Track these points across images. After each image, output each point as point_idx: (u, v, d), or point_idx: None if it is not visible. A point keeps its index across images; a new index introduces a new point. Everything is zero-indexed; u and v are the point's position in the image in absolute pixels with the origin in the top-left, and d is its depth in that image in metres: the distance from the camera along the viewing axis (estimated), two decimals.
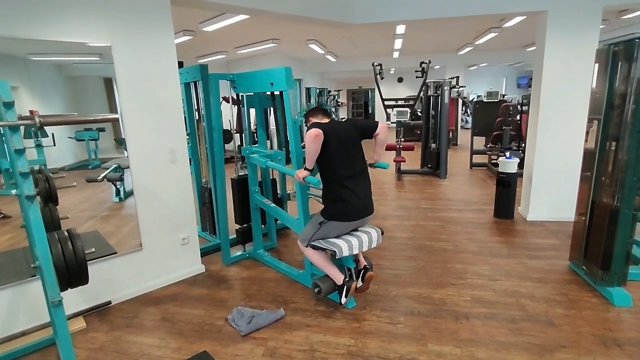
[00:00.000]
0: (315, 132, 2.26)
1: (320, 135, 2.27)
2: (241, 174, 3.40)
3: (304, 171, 2.42)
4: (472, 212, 4.67)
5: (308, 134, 2.28)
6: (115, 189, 3.11)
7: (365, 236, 2.48)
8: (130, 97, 2.65)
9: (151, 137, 2.80)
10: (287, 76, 2.65)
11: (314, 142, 2.28)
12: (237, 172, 3.42)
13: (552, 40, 3.83)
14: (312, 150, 2.31)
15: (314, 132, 2.27)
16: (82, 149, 2.93)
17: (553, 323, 2.37)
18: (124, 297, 2.81)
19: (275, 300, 2.76)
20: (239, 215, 3.41)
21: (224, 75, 3.12)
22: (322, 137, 2.28)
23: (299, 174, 2.44)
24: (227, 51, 8.35)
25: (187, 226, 3.10)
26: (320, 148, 2.31)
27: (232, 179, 3.37)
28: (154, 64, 2.73)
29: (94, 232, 2.99)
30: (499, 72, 17.29)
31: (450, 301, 2.67)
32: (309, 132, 2.28)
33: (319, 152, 2.33)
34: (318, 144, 2.29)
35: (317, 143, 2.28)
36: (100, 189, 3.09)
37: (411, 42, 7.91)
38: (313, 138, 2.27)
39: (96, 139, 2.89)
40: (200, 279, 3.13)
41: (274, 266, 3.25)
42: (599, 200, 2.73)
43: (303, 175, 2.42)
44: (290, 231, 4.17)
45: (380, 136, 2.59)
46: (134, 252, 2.85)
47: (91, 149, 2.95)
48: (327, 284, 2.49)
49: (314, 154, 2.33)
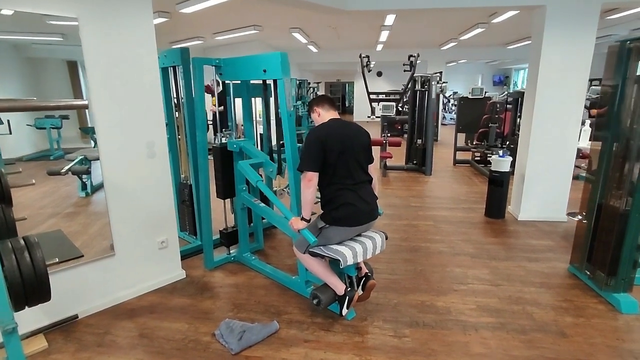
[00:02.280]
0: (308, 177, 2.08)
1: (314, 180, 2.09)
2: (223, 142, 2.99)
3: (301, 222, 2.20)
4: (463, 210, 4.56)
5: (302, 179, 2.11)
6: (81, 182, 2.74)
7: (370, 242, 2.26)
8: (101, 81, 2.30)
9: (126, 128, 2.46)
10: (283, 63, 2.38)
11: (308, 187, 2.10)
12: (219, 140, 3.01)
13: (550, 36, 3.72)
14: (308, 197, 2.13)
15: (308, 177, 2.09)
16: (43, 138, 2.55)
17: (564, 333, 2.26)
18: (93, 310, 2.47)
19: (267, 310, 2.50)
20: (222, 188, 3.03)
21: (209, 60, 2.79)
22: (317, 181, 2.11)
23: (295, 224, 2.21)
24: (204, 37, 7.86)
25: (165, 228, 2.78)
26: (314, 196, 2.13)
27: (213, 147, 2.97)
28: (128, 45, 2.38)
29: (56, 231, 2.60)
30: (475, 69, 17.52)
31: (455, 310, 2.51)
32: (303, 176, 2.11)
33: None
34: (313, 189, 2.11)
35: (311, 188, 2.10)
36: (64, 182, 2.70)
37: (396, 35, 7.73)
38: (307, 184, 2.09)
39: (59, 127, 2.53)
40: (180, 286, 2.82)
41: (262, 271, 2.98)
42: (606, 204, 2.63)
43: (299, 226, 2.19)
44: (276, 231, 3.90)
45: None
46: (105, 258, 2.51)
47: (53, 138, 2.58)
48: (327, 295, 2.25)
49: (310, 202, 2.15)
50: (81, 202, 2.79)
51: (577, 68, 3.77)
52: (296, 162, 2.50)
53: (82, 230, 2.71)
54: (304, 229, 2.15)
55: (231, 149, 2.90)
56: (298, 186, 2.52)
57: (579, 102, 3.90)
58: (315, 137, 2.13)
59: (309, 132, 2.24)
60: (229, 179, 3.00)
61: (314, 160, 2.08)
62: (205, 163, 2.91)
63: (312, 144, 2.11)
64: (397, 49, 10.23)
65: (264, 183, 2.82)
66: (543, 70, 3.80)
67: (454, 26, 6.90)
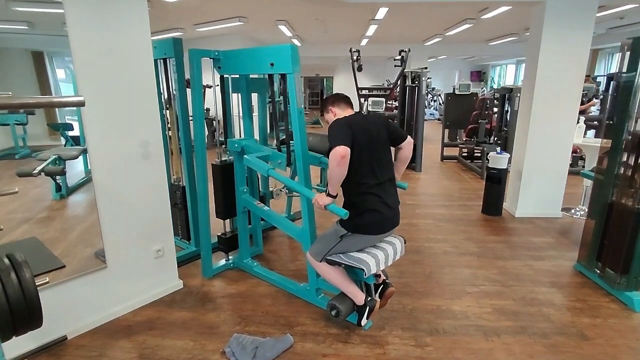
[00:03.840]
0: (341, 152, 1.84)
1: (347, 157, 1.86)
2: (224, 159, 2.86)
3: (327, 198, 1.99)
4: (459, 208, 4.53)
5: (333, 155, 1.86)
6: (55, 184, 2.47)
7: (390, 248, 2.14)
8: (90, 74, 2.05)
9: (118, 126, 2.22)
10: (293, 56, 2.20)
11: (340, 165, 1.86)
12: (219, 157, 2.86)
13: (549, 32, 3.70)
14: (338, 175, 1.90)
15: (340, 152, 1.84)
16: (6, 135, 2.30)
17: (585, 336, 2.22)
18: (84, 329, 2.23)
19: (276, 322, 2.34)
20: (222, 208, 2.87)
21: (207, 51, 2.57)
22: (349, 159, 1.87)
23: (320, 200, 2.01)
24: (183, 28, 7.48)
25: (162, 235, 2.55)
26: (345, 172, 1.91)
27: (213, 165, 2.82)
28: (120, 32, 2.14)
29: (31, 239, 2.33)
30: (452, 65, 17.75)
31: (473, 314, 2.43)
32: (334, 151, 1.85)
33: None
34: (345, 167, 1.88)
35: (344, 166, 1.87)
36: (34, 184, 2.42)
37: (383, 30, 7.62)
38: (338, 160, 1.84)
39: (24, 123, 2.29)
40: (179, 297, 2.61)
41: (266, 278, 2.81)
42: (618, 202, 2.62)
43: (325, 202, 1.99)
44: (275, 233, 3.73)
45: (405, 152, 2.22)
46: (96, 271, 2.26)
47: (18, 135, 2.31)
48: (346, 305, 2.11)
49: (339, 179, 1.92)
50: (56, 206, 2.52)
51: (575, 64, 3.77)
52: (306, 161, 2.34)
53: (60, 237, 2.45)
54: (332, 204, 1.98)
55: (232, 149, 2.69)
56: (309, 186, 2.36)
57: (576, 97, 3.92)
58: (341, 123, 1.96)
59: (330, 124, 2.04)
60: (230, 199, 2.82)
61: (346, 137, 1.89)
62: (204, 163, 2.70)
63: (342, 127, 1.94)
64: (380, 44, 10.15)
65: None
66: (542, 66, 3.78)
67: (442, 21, 6.86)
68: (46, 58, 2.20)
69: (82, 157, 2.38)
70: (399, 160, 2.27)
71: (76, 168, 2.49)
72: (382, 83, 13.06)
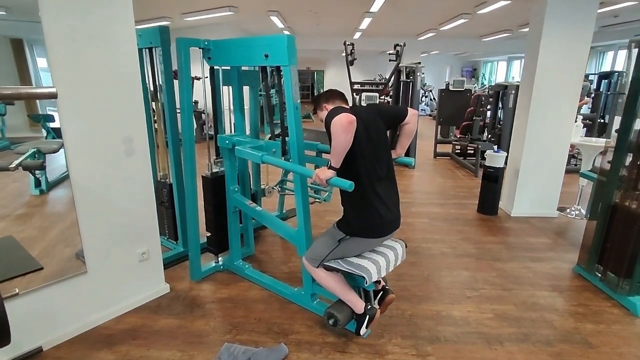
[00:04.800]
0: (348, 118, 1.65)
1: (354, 122, 1.66)
2: (215, 171, 2.72)
3: (328, 171, 1.77)
4: (454, 206, 4.45)
5: (338, 120, 1.65)
6: (35, 178, 2.29)
7: (391, 253, 2.02)
8: (67, 64, 1.87)
9: (98, 120, 2.04)
10: (290, 47, 2.05)
11: (346, 131, 1.65)
12: (210, 168, 2.73)
13: (549, 28, 3.61)
14: (343, 143, 1.68)
15: (347, 117, 1.65)
16: None
17: (590, 343, 2.15)
18: (61, 339, 2.06)
19: (270, 330, 2.21)
20: (213, 222, 2.74)
21: (196, 41, 2.39)
22: (355, 125, 1.69)
23: (321, 174, 1.78)
24: (171, 17, 7.21)
25: (147, 237, 2.39)
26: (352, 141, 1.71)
27: (203, 177, 2.68)
28: (101, 18, 1.95)
29: (7, 238, 2.15)
30: (444, 61, 17.72)
31: (474, 320, 2.34)
32: (340, 117, 1.65)
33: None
34: (352, 134, 1.68)
35: (350, 132, 1.67)
36: (12, 178, 2.23)
37: (377, 23, 7.47)
38: (346, 125, 1.64)
39: (2, 114, 2.14)
40: (165, 303, 2.46)
41: (258, 282, 2.67)
42: (621, 205, 2.55)
43: (327, 176, 1.77)
44: (266, 232, 3.59)
45: (410, 125, 2.05)
46: (75, 276, 2.09)
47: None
48: (344, 314, 1.99)
49: (345, 148, 1.70)
50: (35, 202, 2.33)
51: (575, 61, 3.70)
52: (302, 157, 2.19)
53: (38, 236, 2.27)
54: (335, 178, 1.78)
55: (222, 145, 2.53)
56: (304, 182, 2.21)
57: (575, 96, 3.85)
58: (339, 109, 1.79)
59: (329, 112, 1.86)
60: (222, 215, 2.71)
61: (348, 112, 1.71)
62: (192, 162, 2.54)
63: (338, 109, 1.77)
64: (372, 38, 10.01)
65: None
66: (541, 63, 3.70)
67: (438, 15, 6.74)
68: (26, 46, 2.03)
69: (63, 150, 2.22)
70: (404, 134, 2.13)
71: (57, 162, 2.32)
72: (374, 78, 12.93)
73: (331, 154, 1.77)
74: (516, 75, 13.92)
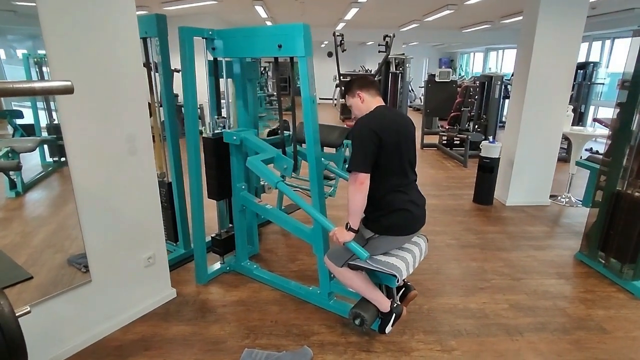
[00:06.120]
0: (360, 179, 1.69)
1: (366, 183, 1.71)
2: (217, 132, 2.50)
3: (347, 233, 1.80)
4: (450, 197, 4.49)
5: (352, 181, 1.71)
6: (9, 180, 2.10)
7: (417, 249, 1.98)
8: (65, 55, 1.70)
9: (99, 118, 1.88)
10: (306, 37, 1.95)
11: (360, 190, 1.71)
12: (212, 129, 2.51)
13: (544, 18, 3.64)
14: (359, 202, 1.73)
15: (359, 179, 1.70)
16: None
17: (604, 329, 2.20)
18: (68, 353, 1.92)
19: (289, 332, 2.14)
20: (216, 188, 2.53)
21: (200, 30, 2.25)
22: (369, 183, 1.72)
23: (340, 235, 1.81)
24: (148, 6, 6.87)
25: (152, 240, 2.25)
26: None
27: (204, 138, 2.47)
28: (101, 5, 1.79)
29: None
30: (421, 52, 17.83)
31: (491, 312, 2.35)
32: (354, 178, 1.70)
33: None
34: (365, 192, 1.72)
35: (363, 192, 1.72)
36: None
37: (362, 14, 7.39)
38: (358, 187, 1.70)
39: None
40: (174, 308, 2.33)
41: (269, 282, 2.58)
42: (625, 192, 2.62)
43: (345, 239, 1.79)
44: (268, 229, 3.49)
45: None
46: (79, 286, 1.94)
47: None
48: (370, 313, 1.94)
49: (362, 207, 1.75)
50: (12, 205, 2.13)
51: (568, 51, 3.76)
52: (319, 155, 2.12)
53: (22, 242, 2.08)
54: (351, 242, 1.79)
55: (229, 141, 2.41)
56: (321, 184, 2.15)
57: (567, 85, 3.93)
58: (369, 130, 1.73)
59: (357, 122, 1.84)
60: (224, 177, 2.52)
61: (369, 158, 1.71)
62: (197, 156, 2.41)
63: (366, 138, 1.72)
64: (355, 29, 9.93)
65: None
66: (536, 52, 3.73)
67: (424, 6, 6.72)
68: None
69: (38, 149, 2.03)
70: None
71: (30, 161, 2.13)
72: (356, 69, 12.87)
73: (349, 215, 1.79)
74: (493, 66, 14.21)
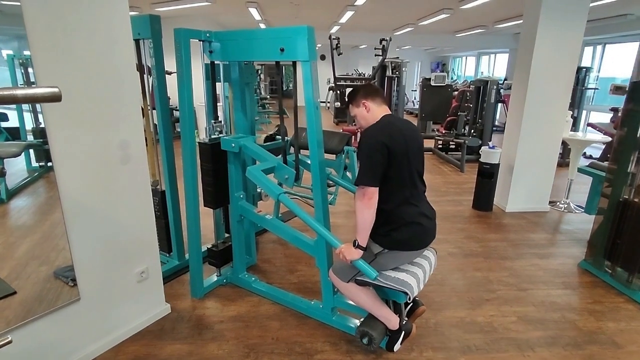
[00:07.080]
0: (369, 194, 1.62)
1: (375, 197, 1.63)
2: (213, 137, 2.38)
3: (355, 251, 1.71)
4: (449, 203, 4.43)
5: (359, 196, 1.63)
6: None
7: (426, 263, 1.90)
8: (54, 59, 1.58)
9: (89, 124, 1.75)
10: (310, 40, 1.86)
11: (368, 206, 1.63)
12: (208, 134, 2.39)
13: (544, 23, 3.61)
14: (368, 218, 1.65)
15: (368, 194, 1.62)
16: None
17: (617, 343, 2.13)
18: None
19: (291, 351, 2.02)
20: (212, 195, 2.40)
21: (197, 32, 2.14)
22: (377, 198, 1.65)
23: (347, 253, 1.72)
24: (139, 7, 6.72)
25: (145, 254, 2.13)
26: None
27: (200, 144, 2.34)
28: (92, 6, 1.67)
29: None
30: (413, 56, 17.88)
31: (499, 325, 2.27)
32: (362, 192, 1.62)
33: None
34: (374, 207, 1.65)
35: (373, 207, 1.64)
36: None
37: (356, 17, 7.33)
38: (367, 203, 1.62)
39: None
40: (169, 325, 2.21)
41: (268, 295, 2.47)
42: (631, 201, 2.57)
43: (353, 257, 1.71)
44: (264, 238, 3.38)
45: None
46: (67, 305, 1.81)
47: None
48: (378, 331, 1.84)
49: (371, 222, 1.67)
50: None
51: (568, 55, 3.73)
52: (322, 163, 2.02)
53: (5, 254, 1.94)
54: (359, 260, 1.70)
55: (227, 148, 2.29)
56: (325, 195, 2.05)
57: (568, 90, 3.90)
58: (377, 142, 1.64)
59: (365, 133, 1.75)
60: (222, 183, 2.40)
61: (377, 171, 1.63)
62: (193, 167, 2.29)
63: (375, 150, 1.63)
64: (349, 33, 9.87)
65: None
66: (537, 57, 3.69)
67: (420, 9, 6.68)
68: None
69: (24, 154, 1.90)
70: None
71: (14, 166, 2.00)
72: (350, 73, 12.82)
73: (357, 232, 1.71)
74: (485, 70, 14.30)
